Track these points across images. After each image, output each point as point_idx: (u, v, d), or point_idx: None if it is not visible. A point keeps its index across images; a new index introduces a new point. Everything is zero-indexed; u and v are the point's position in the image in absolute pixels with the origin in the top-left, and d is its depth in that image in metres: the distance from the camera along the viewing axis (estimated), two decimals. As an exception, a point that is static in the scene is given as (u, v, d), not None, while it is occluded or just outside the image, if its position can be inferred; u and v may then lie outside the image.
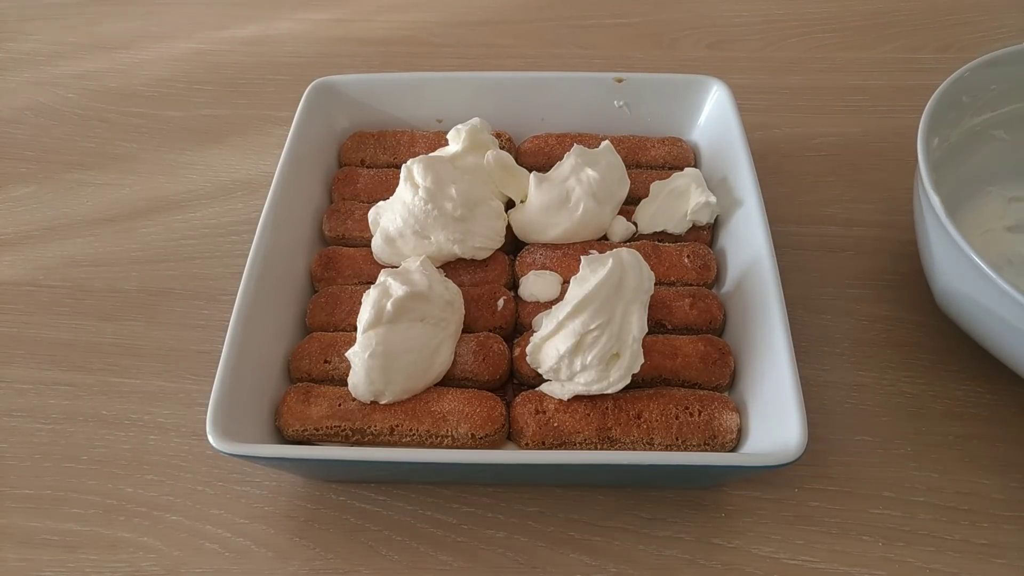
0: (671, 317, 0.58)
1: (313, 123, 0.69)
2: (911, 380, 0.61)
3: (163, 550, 0.54)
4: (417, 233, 0.59)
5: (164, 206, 0.76)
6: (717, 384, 0.56)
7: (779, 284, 0.55)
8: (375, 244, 0.62)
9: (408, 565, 0.53)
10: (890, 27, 0.92)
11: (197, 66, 0.91)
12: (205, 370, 0.60)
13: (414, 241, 0.60)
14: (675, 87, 0.71)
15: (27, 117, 0.85)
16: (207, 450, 0.49)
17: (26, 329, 0.66)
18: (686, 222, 0.64)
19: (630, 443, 0.53)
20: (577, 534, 0.54)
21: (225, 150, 0.81)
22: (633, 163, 0.69)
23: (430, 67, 0.88)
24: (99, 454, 0.59)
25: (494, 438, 0.53)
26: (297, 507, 0.56)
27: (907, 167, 0.60)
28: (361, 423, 0.53)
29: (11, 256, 0.72)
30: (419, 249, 0.60)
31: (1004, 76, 0.65)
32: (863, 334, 0.64)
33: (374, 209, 0.63)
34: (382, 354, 0.52)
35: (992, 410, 0.59)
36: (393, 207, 0.60)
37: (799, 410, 0.49)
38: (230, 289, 0.57)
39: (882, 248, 0.70)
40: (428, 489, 0.56)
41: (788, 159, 0.77)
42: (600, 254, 0.55)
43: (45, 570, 0.53)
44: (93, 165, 0.80)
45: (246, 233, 0.65)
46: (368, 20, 0.96)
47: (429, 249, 0.60)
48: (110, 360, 0.64)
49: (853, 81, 0.85)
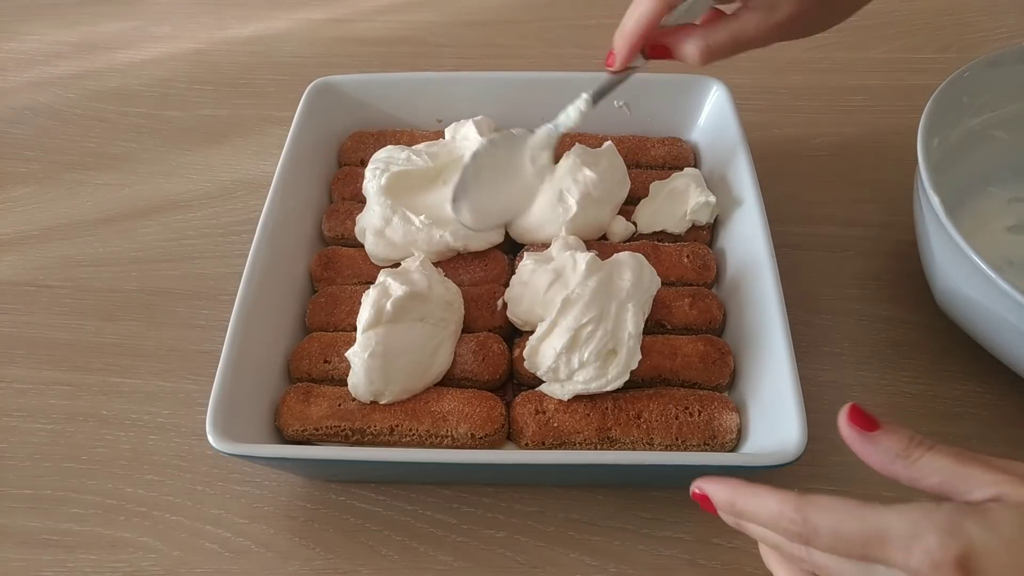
0: (671, 317, 0.58)
1: (313, 123, 0.69)
2: (911, 380, 0.61)
3: (163, 550, 0.54)
4: (404, 218, 0.60)
5: (164, 206, 0.76)
6: (717, 384, 0.56)
7: (779, 284, 0.55)
8: (368, 245, 0.62)
9: (408, 565, 0.53)
10: (890, 27, 0.92)
11: (197, 66, 0.91)
12: (205, 370, 0.60)
13: (403, 227, 0.60)
14: (675, 87, 0.71)
15: (27, 117, 0.85)
16: (207, 450, 0.49)
17: (26, 329, 0.66)
18: (686, 222, 0.64)
19: (630, 443, 0.53)
20: (577, 534, 0.54)
21: (225, 150, 0.81)
22: (633, 163, 0.69)
23: (430, 67, 0.88)
24: (99, 454, 0.59)
25: (494, 438, 0.53)
26: (297, 507, 0.56)
27: (907, 167, 0.60)
28: (361, 423, 0.53)
29: (11, 256, 0.72)
30: (409, 236, 0.60)
31: (1004, 76, 0.65)
32: (863, 334, 0.64)
33: (358, 222, 0.63)
34: (382, 354, 0.52)
35: (992, 410, 0.59)
36: (371, 208, 0.62)
37: (799, 410, 0.49)
38: (230, 289, 0.57)
39: (882, 248, 0.70)
40: (428, 489, 0.56)
41: (788, 159, 0.77)
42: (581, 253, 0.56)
43: (45, 570, 0.53)
44: (93, 165, 0.80)
45: (246, 233, 0.65)
46: (368, 20, 0.96)
47: (419, 236, 0.60)
48: (110, 360, 0.64)
49: (853, 81, 0.85)
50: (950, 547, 0.34)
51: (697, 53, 0.52)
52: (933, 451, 0.38)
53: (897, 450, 0.39)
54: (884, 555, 0.35)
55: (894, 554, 0.35)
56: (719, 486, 0.42)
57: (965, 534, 0.34)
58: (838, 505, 0.37)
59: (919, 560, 0.34)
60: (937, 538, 0.34)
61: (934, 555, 0.34)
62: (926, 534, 0.34)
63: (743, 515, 0.41)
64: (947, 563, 0.34)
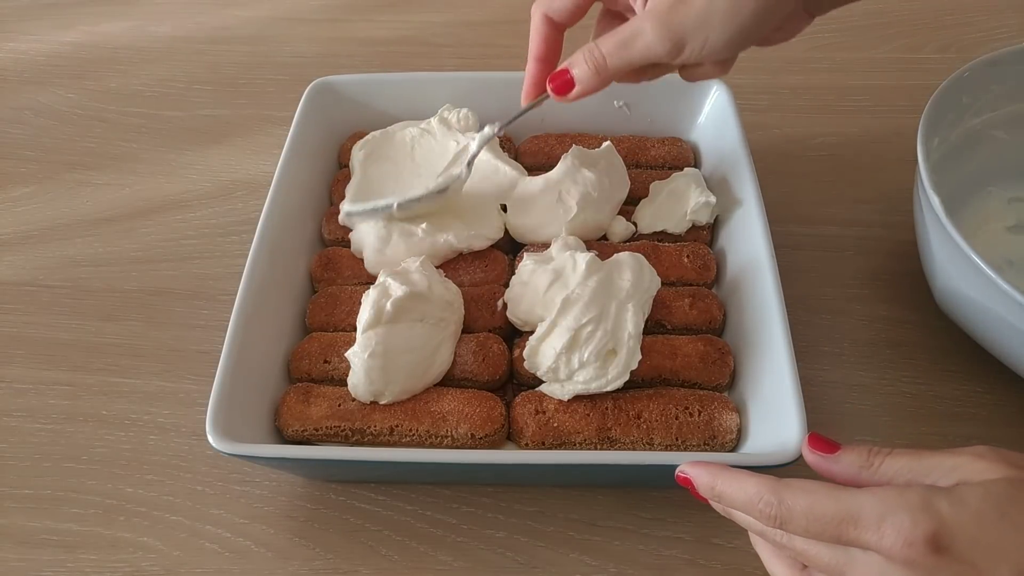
0: (671, 317, 0.58)
1: (313, 123, 0.69)
2: (911, 380, 0.61)
3: (163, 550, 0.54)
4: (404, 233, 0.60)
5: (164, 206, 0.76)
6: (717, 384, 0.56)
7: (779, 284, 0.55)
8: (368, 263, 0.61)
9: (408, 565, 0.53)
10: (890, 27, 0.92)
11: (197, 66, 0.91)
12: (205, 370, 0.60)
13: (404, 243, 0.60)
14: (675, 87, 0.70)
15: (27, 117, 0.85)
16: (207, 450, 0.49)
17: (26, 329, 0.66)
18: (686, 222, 0.64)
19: (630, 443, 0.53)
20: (577, 534, 0.54)
21: (225, 150, 0.81)
22: (633, 163, 0.69)
23: (430, 67, 0.88)
24: (99, 454, 0.59)
25: (494, 438, 0.53)
26: (297, 507, 0.56)
27: (907, 167, 0.60)
28: (361, 423, 0.53)
29: (11, 256, 0.72)
30: (412, 248, 0.60)
31: (1004, 76, 0.65)
32: (863, 334, 0.64)
33: (352, 239, 0.63)
34: (382, 354, 0.52)
35: (992, 410, 0.59)
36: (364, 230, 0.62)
37: (799, 410, 0.49)
38: (230, 289, 0.57)
39: (882, 248, 0.70)
40: (428, 489, 0.56)
41: (788, 159, 0.77)
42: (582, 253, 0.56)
43: (45, 570, 0.53)
44: (93, 165, 0.80)
45: (246, 233, 0.65)
46: (368, 20, 0.96)
47: (422, 245, 0.60)
48: (110, 360, 0.64)
49: (853, 81, 0.85)
50: (921, 523, 0.35)
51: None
52: (892, 455, 0.40)
53: (860, 463, 0.40)
54: (858, 535, 0.36)
55: (867, 534, 0.36)
56: (702, 470, 0.43)
57: (935, 510, 0.35)
58: (814, 487, 0.38)
59: (892, 539, 0.35)
60: (909, 515, 0.35)
61: (906, 532, 0.35)
62: (898, 512, 0.35)
63: (723, 498, 0.42)
64: (919, 540, 0.35)
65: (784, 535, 0.40)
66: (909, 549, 0.35)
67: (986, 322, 0.54)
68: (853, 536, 0.36)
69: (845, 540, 0.37)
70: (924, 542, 0.35)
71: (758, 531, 0.42)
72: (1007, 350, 0.54)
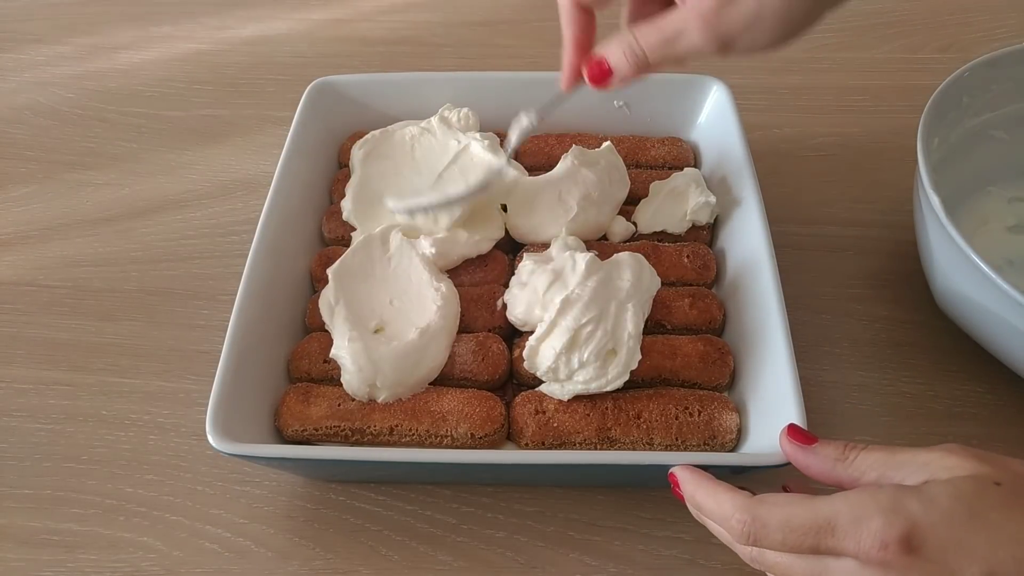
0: (671, 317, 0.58)
1: (313, 123, 0.69)
2: (911, 380, 0.61)
3: (163, 550, 0.54)
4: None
5: (164, 206, 0.76)
6: (717, 384, 0.56)
7: (779, 284, 0.55)
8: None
9: (408, 565, 0.53)
10: (890, 27, 0.92)
11: (197, 66, 0.91)
12: (205, 370, 0.60)
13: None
14: (675, 87, 0.71)
15: (27, 117, 0.85)
16: (207, 450, 0.49)
17: (26, 329, 0.66)
18: (686, 222, 0.64)
19: (630, 443, 0.53)
20: (577, 534, 0.54)
21: (225, 150, 0.81)
22: (633, 163, 0.69)
23: (430, 67, 0.88)
24: (99, 454, 0.59)
25: (494, 438, 0.53)
26: (297, 507, 0.56)
27: (907, 167, 0.60)
28: (360, 423, 0.53)
29: (11, 256, 0.72)
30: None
31: (1004, 76, 0.65)
32: (863, 334, 0.64)
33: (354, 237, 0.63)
34: (346, 304, 0.55)
35: (992, 410, 0.59)
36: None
37: (799, 410, 0.49)
38: (230, 289, 0.57)
39: (882, 248, 0.70)
40: (428, 489, 0.56)
41: (788, 159, 0.77)
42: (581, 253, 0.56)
43: (45, 570, 0.53)
44: (93, 165, 0.80)
45: (246, 233, 0.65)
46: (368, 20, 0.96)
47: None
48: (110, 360, 0.64)
49: (853, 81, 0.85)
50: (894, 525, 0.35)
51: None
52: (867, 450, 0.41)
53: (835, 455, 0.41)
54: (836, 543, 0.37)
55: (843, 542, 0.36)
56: (689, 477, 0.45)
57: (906, 510, 0.36)
58: (787, 499, 0.39)
59: (868, 543, 0.36)
60: (882, 518, 0.36)
61: (880, 536, 0.35)
62: (871, 516, 0.36)
63: (700, 509, 0.44)
64: (892, 542, 0.35)
65: (756, 550, 0.40)
66: (884, 551, 0.35)
67: (986, 322, 0.54)
68: (831, 544, 0.37)
69: (824, 549, 0.37)
70: (897, 543, 0.35)
71: (728, 543, 0.43)
72: (1007, 350, 0.54)
